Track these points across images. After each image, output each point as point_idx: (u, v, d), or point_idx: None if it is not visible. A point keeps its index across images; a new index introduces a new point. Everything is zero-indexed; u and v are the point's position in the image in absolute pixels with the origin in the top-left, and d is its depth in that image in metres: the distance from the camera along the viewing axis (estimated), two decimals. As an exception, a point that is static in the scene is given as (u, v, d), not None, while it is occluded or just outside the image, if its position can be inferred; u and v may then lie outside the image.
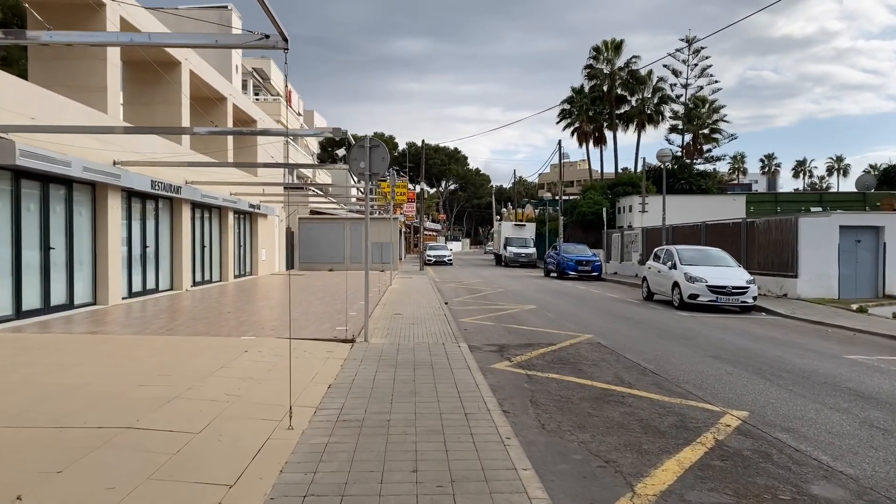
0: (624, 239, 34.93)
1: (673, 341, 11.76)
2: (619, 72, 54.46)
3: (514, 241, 46.41)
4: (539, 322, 14.32)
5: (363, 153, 10.55)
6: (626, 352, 10.53)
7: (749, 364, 9.61)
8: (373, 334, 11.20)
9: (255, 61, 51.42)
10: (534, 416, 6.66)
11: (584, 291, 23.64)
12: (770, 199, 46.88)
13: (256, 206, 26.30)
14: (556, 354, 10.25)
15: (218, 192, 21.49)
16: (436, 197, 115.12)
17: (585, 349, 10.78)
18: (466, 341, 11.11)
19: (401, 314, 14.57)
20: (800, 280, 19.07)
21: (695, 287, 17.00)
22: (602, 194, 46.92)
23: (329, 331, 11.37)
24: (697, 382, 8.30)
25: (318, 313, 14.07)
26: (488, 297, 20.61)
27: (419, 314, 14.65)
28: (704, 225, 25.18)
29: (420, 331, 11.92)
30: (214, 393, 6.76)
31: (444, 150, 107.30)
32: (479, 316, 15.40)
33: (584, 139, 55.93)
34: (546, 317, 15.35)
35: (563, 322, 14.33)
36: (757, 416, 6.75)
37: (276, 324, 12.29)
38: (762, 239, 21.01)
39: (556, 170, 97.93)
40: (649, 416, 6.66)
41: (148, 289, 17.40)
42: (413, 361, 8.89)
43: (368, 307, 11.04)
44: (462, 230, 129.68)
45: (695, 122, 53.07)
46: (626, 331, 13.07)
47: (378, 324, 12.75)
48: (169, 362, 8.43)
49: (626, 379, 8.45)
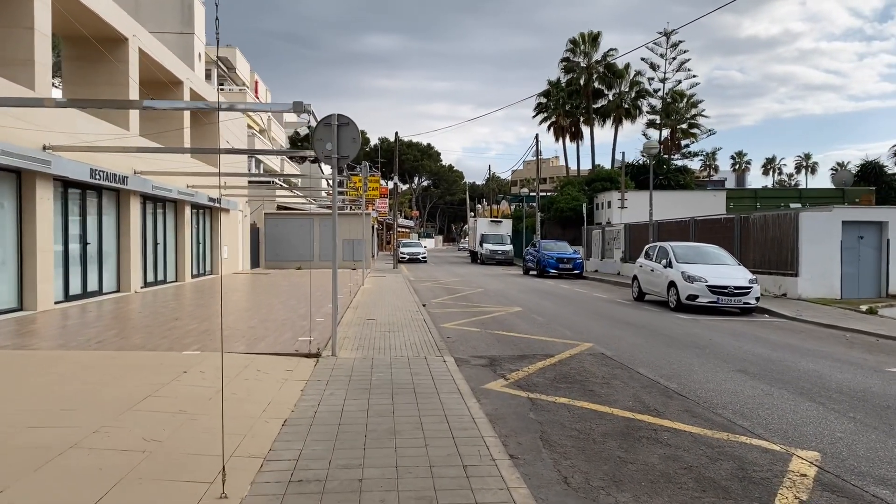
0: (605, 235, 33.69)
1: (685, 351, 10.34)
2: (597, 65, 53.32)
3: (491, 237, 44.98)
4: (529, 327, 12.82)
5: (329, 133, 8.91)
6: (637, 365, 9.07)
7: (785, 381, 8.21)
8: (342, 346, 9.57)
9: (219, 50, 49.16)
10: (550, 463, 5.12)
11: (568, 291, 22.24)
12: (750, 195, 46.16)
13: (217, 200, 24.40)
14: (558, 370, 8.74)
15: (172, 183, 19.61)
16: (409, 193, 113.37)
17: (589, 362, 9.29)
18: (451, 353, 9.56)
19: (374, 319, 12.95)
20: (800, 279, 17.88)
21: (694, 287, 15.66)
22: (579, 190, 45.72)
23: (290, 342, 9.71)
24: (737, 408, 6.85)
25: (280, 320, 12.37)
26: (469, 298, 19.08)
27: (395, 319, 13.05)
28: (693, 220, 23.97)
29: (397, 340, 10.32)
30: (128, 438, 5.09)
31: (417, 146, 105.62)
32: (462, 321, 13.85)
33: (561, 134, 54.69)
34: (535, 321, 13.86)
35: (555, 327, 12.85)
36: (832, 458, 5.30)
37: (230, 333, 10.58)
38: (758, 235, 19.80)
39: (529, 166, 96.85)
40: (698, 462, 5.17)
41: (89, 291, 15.51)
42: (391, 383, 7.30)
43: (337, 314, 9.40)
44: (435, 227, 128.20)
45: (673, 116, 52.17)
46: (628, 338, 11.62)
47: (348, 332, 11.11)
48: (82, 389, 6.72)
49: (651, 404, 6.97)
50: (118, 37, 16.85)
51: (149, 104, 12.09)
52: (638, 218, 34.14)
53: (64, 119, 13.71)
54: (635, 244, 29.50)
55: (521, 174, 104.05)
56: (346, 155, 8.96)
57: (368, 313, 13.97)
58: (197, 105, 16.15)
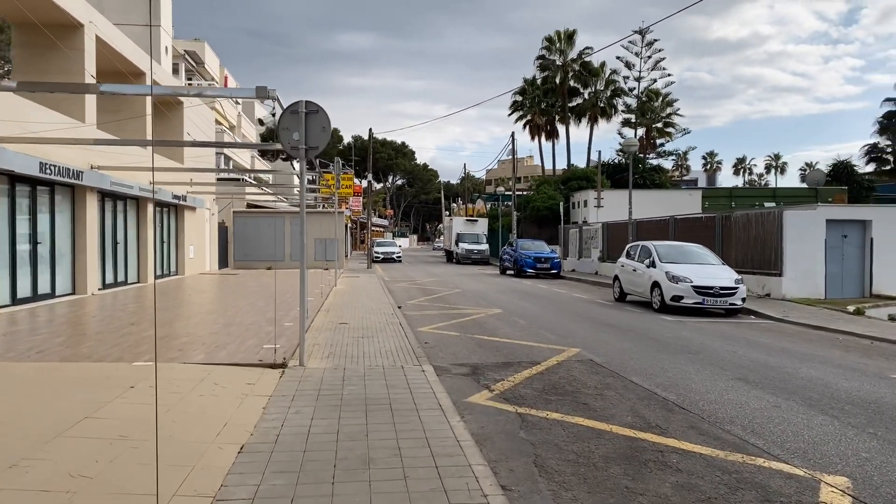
0: (583, 235, 33.23)
1: (678, 356, 9.76)
2: (572, 63, 52.94)
3: (466, 236, 44.33)
4: (511, 331, 12.15)
5: (297, 121, 8.14)
6: (629, 373, 8.44)
7: (790, 390, 7.64)
8: (311, 354, 8.81)
9: (187, 44, 47.79)
10: (549, 496, 4.44)
11: (548, 291, 21.66)
12: (725, 194, 46.15)
13: (182, 198, 23.39)
14: (546, 379, 8.07)
15: (133, 179, 18.60)
16: (383, 192, 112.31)
17: (579, 370, 8.64)
18: (430, 361, 8.85)
19: (347, 323, 12.18)
20: (785, 279, 17.50)
21: (678, 288, 15.15)
22: (555, 189, 45.29)
23: (254, 350, 8.91)
24: (746, 423, 6.24)
25: (245, 324, 11.53)
26: (446, 300, 18.37)
27: (369, 323, 12.29)
28: (673, 219, 23.56)
29: (371, 347, 9.58)
30: (51, 474, 4.29)
31: (392, 145, 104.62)
32: (440, 323, 13.14)
33: (537, 132, 54.23)
34: (517, 324, 13.21)
35: (538, 331, 12.20)
36: (864, 485, 4.70)
37: (189, 340, 9.74)
38: (741, 234, 19.41)
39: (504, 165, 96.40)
40: (716, 492, 4.53)
41: (40, 293, 14.48)
42: (364, 399, 6.56)
43: (305, 319, 8.62)
44: (409, 226, 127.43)
45: (648, 115, 52.02)
46: (616, 342, 11.02)
47: (319, 338, 10.34)
48: (7, 410, 5.87)
49: (652, 419, 6.34)
50: (73, 23, 15.82)
51: (106, 88, 11.14)
52: (614, 217, 33.78)
53: (11, 108, 12.70)
54: (613, 243, 29.09)
55: (495, 173, 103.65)
56: (315, 146, 8.20)
57: (341, 316, 13.19)
58: (159, 91, 15.18)
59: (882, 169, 52.43)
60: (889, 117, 50.72)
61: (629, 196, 25.03)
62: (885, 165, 52.68)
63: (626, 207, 38.77)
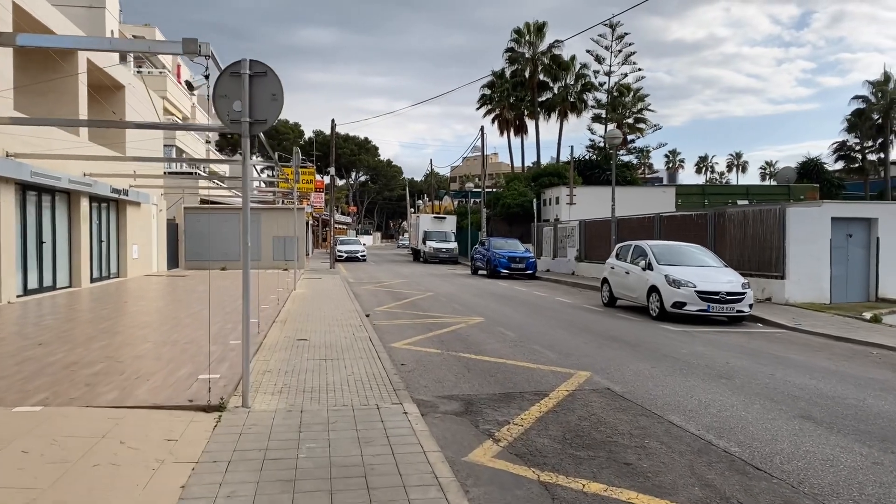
0: (557, 233, 31.69)
1: (709, 382, 8.10)
2: (542, 56, 51.48)
3: (434, 234, 42.48)
4: (501, 347, 10.37)
5: (238, 87, 6.20)
6: (664, 409, 6.74)
7: (877, 435, 6.02)
8: (259, 388, 6.88)
9: (136, 29, 44.84)
10: None
11: (528, 295, 19.97)
12: (698, 191, 45.28)
13: (123, 192, 21.05)
14: (563, 420, 6.31)
15: (62, 170, 16.29)
16: (345, 189, 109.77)
17: (599, 404, 6.90)
18: (411, 392, 7.05)
19: (307, 339, 10.24)
20: (788, 282, 16.11)
21: (680, 293, 13.58)
22: (526, 185, 43.78)
23: (186, 382, 6.93)
24: (855, 496, 4.56)
25: (182, 343, 9.49)
26: (419, 305, 16.52)
27: (333, 338, 10.37)
28: (659, 217, 22.10)
29: (336, 374, 7.68)
30: None
31: (354, 140, 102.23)
32: (416, 337, 11.29)
33: (506, 127, 52.64)
34: (505, 337, 11.44)
35: (532, 347, 10.45)
36: None
37: (105, 367, 7.71)
38: (736, 233, 18.00)
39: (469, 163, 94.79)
40: None
41: (-62, 304, 12.18)
42: (329, 465, 4.69)
43: (249, 346, 6.65)
44: (373, 223, 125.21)
45: (619, 110, 50.88)
46: (627, 361, 9.32)
47: (271, 361, 8.40)
48: None
49: (727, 490, 4.60)
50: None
51: (25, 41, 8.98)
52: (587, 214, 32.40)
53: None
54: (592, 242, 27.62)
55: (460, 170, 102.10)
56: (263, 119, 6.28)
57: (299, 330, 11.23)
58: (83, 44, 12.91)
59: (850, 167, 52.39)
60: (857, 115, 50.63)
61: (612, 192, 23.52)
62: (853, 163, 52.66)
63: (599, 205, 37.52)
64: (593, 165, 45.49)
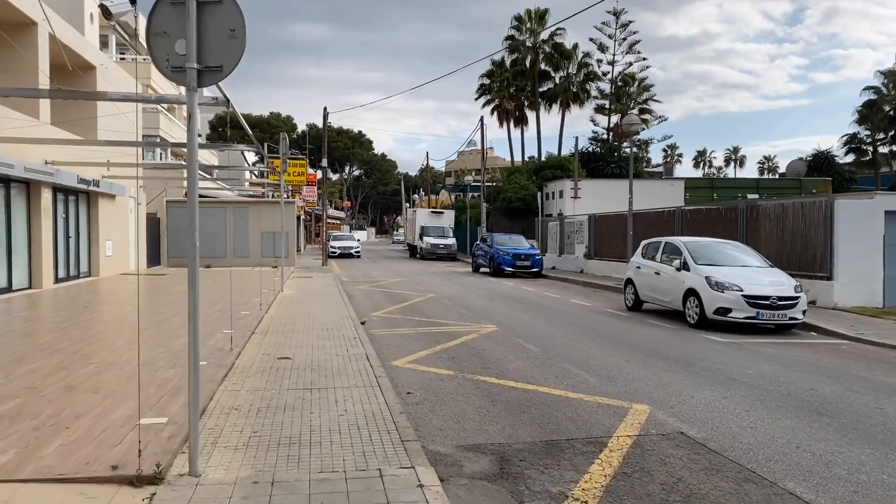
0: (564, 228, 29.86)
1: (812, 423, 6.27)
2: (543, 45, 49.53)
3: (431, 230, 40.60)
4: (526, 367, 8.55)
5: (180, 20, 4.33)
6: (776, 472, 4.92)
7: None
8: (217, 439, 5.02)
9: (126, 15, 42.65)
10: None
11: (539, 296, 18.16)
12: (706, 184, 43.55)
13: (94, 182, 19.11)
14: (642, 491, 4.48)
15: (17, 156, 14.37)
16: (339, 183, 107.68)
17: (682, 464, 5.08)
18: (424, 442, 5.23)
19: (289, 358, 8.38)
20: (836, 283, 14.34)
21: (725, 298, 11.76)
22: (528, 178, 41.91)
23: (117, 433, 5.05)
24: None
25: (132, 365, 7.55)
26: (420, 310, 14.67)
27: (322, 356, 8.52)
28: (680, 210, 20.31)
29: (324, 415, 5.83)
30: None
31: (348, 133, 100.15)
32: (422, 352, 9.46)
33: (506, 118, 50.69)
34: (527, 351, 9.62)
35: (563, 366, 8.63)
36: None
37: (15, 408, 5.83)
38: (773, 228, 16.21)
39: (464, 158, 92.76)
40: None
41: None
42: None
43: (198, 396, 4.77)
44: (367, 218, 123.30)
45: (623, 100, 48.99)
46: (693, 390, 7.48)
47: (241, 392, 6.54)
48: None
49: None
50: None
51: None
52: (592, 208, 30.64)
53: None
54: (603, 238, 25.82)
55: (455, 165, 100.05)
56: (218, 65, 4.42)
57: (282, 345, 9.38)
58: None
59: (861, 160, 50.73)
60: (868, 106, 48.91)
61: (629, 185, 21.67)
62: (864, 156, 51.00)
63: (604, 199, 35.68)
64: (597, 158, 43.64)
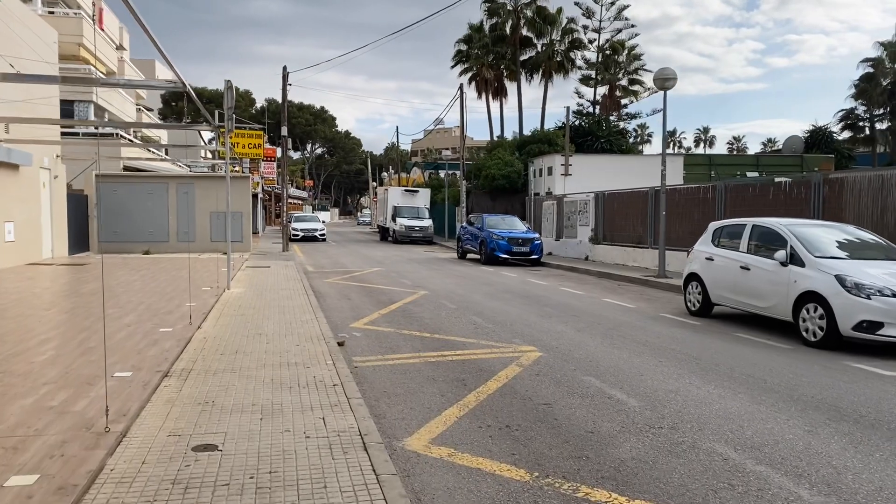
0: (563, 209, 26.10)
1: None
2: (525, 8, 45.48)
3: (405, 210, 36.56)
4: (647, 448, 4.72)
5: None
6: None
7: None
8: None
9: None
10: None
11: (559, 293, 14.37)
12: (704, 161, 40.31)
13: (-21, 147, 14.60)
14: None
15: None
16: (301, 162, 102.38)
17: None
18: None
19: (217, 448, 4.37)
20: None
21: (871, 307, 8.09)
22: (511, 154, 38.05)
23: None
24: None
25: None
26: (418, 318, 10.71)
27: (277, 442, 4.53)
28: (724, 186, 16.70)
29: None
30: None
31: (310, 109, 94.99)
32: (449, 410, 5.56)
33: (485, 88, 46.56)
34: (627, 408, 5.81)
35: (711, 446, 4.82)
36: None
37: None
38: (865, 207, 12.68)
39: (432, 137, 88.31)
40: None
41: None
42: None
43: None
44: (330, 199, 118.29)
45: (612, 70, 45.32)
46: None
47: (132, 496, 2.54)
48: None
49: None
50: None
51: None
52: (583, 186, 27.17)
53: None
54: (614, 220, 22.17)
55: (422, 144, 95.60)
56: None
57: (207, 404, 5.34)
58: None
59: (857, 136, 48.20)
60: (867, 79, 46.26)
61: (662, 157, 18.12)
62: (860, 133, 48.49)
63: (596, 176, 32.09)
64: (584, 132, 39.96)
